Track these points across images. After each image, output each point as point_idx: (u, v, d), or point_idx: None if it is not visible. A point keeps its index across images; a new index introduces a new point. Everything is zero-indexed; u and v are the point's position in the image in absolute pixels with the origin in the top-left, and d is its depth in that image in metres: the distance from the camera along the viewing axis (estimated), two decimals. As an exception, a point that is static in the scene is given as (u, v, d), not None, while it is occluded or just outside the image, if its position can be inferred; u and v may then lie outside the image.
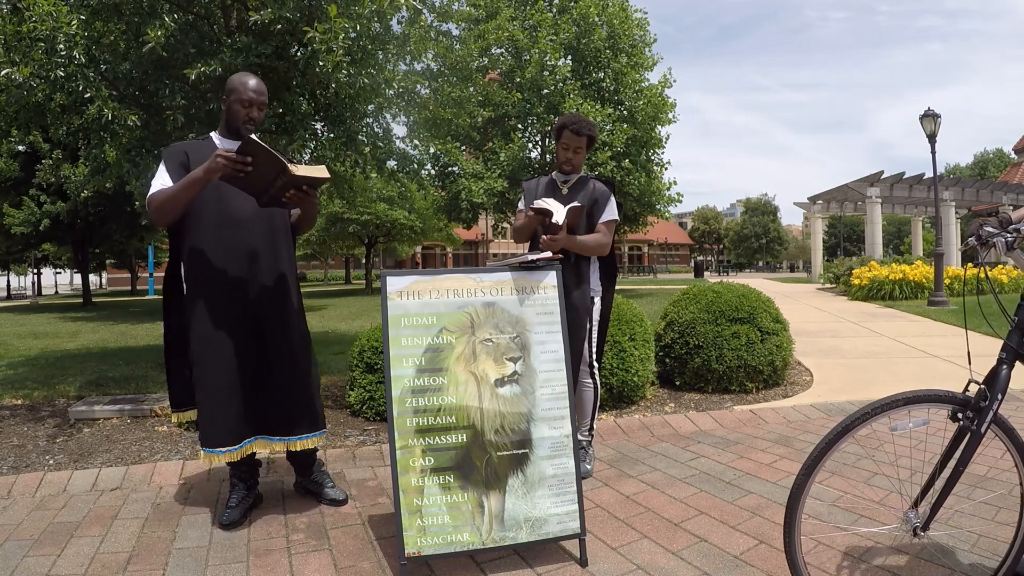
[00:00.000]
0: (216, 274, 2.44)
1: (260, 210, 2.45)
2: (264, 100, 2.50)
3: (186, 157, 2.44)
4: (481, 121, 13.63)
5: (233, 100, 2.45)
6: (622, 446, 3.53)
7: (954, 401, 1.66)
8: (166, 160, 2.46)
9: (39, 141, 12.44)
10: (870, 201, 20.72)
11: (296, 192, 2.30)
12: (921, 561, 2.10)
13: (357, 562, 2.21)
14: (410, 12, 4.47)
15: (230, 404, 2.45)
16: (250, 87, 2.45)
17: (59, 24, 3.76)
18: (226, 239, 2.45)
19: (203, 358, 2.44)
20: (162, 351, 2.78)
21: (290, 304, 2.59)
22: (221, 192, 2.40)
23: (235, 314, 2.46)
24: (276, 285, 2.55)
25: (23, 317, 15.30)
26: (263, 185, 2.28)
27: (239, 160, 2.17)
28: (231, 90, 2.46)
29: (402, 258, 35.03)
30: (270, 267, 2.53)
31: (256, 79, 2.50)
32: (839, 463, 3.07)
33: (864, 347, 6.77)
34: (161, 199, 2.36)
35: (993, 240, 1.62)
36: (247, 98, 2.44)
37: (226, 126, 2.51)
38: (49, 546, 2.35)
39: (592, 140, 2.98)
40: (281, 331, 2.56)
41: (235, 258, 2.46)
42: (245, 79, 2.47)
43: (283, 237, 2.60)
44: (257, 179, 2.25)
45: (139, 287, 35.67)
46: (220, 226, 2.44)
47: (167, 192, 2.36)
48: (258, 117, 2.49)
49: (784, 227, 74.49)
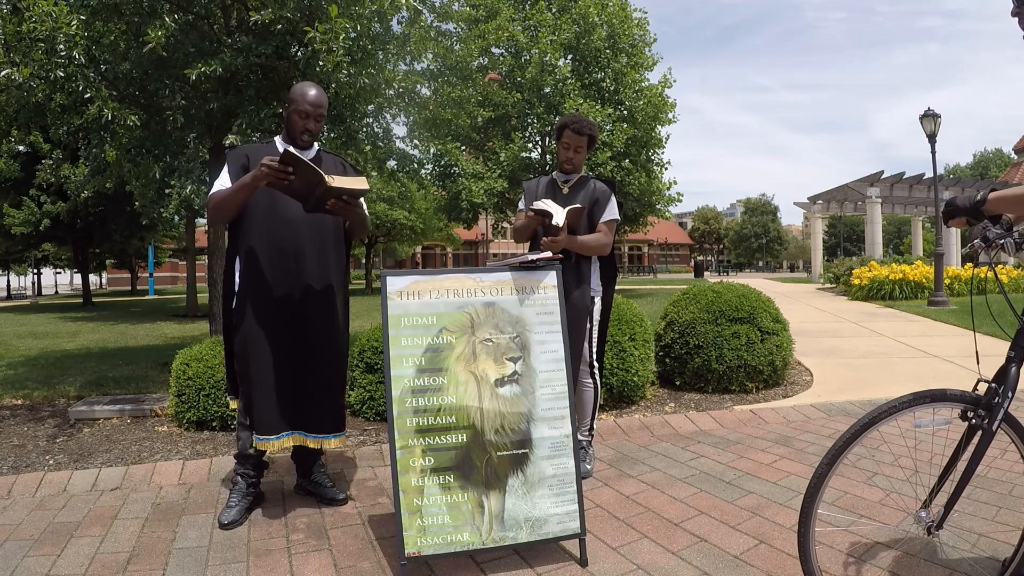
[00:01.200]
0: (265, 271, 2.52)
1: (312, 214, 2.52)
2: (322, 112, 2.59)
3: (247, 160, 2.54)
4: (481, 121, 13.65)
5: (292, 111, 2.54)
6: (622, 446, 3.53)
7: (965, 400, 1.66)
8: (229, 162, 2.57)
9: (39, 141, 12.44)
10: (870, 201, 20.73)
11: (337, 201, 2.39)
12: (922, 561, 2.10)
13: (357, 562, 2.21)
14: (410, 12, 4.47)
15: (269, 397, 2.52)
16: (308, 100, 2.53)
17: (59, 24, 3.76)
18: (276, 239, 2.53)
19: (246, 352, 2.52)
20: (162, 351, 2.79)
21: (334, 304, 2.65)
22: (275, 195, 2.48)
23: (280, 311, 2.54)
24: (322, 285, 2.61)
25: (23, 317, 15.30)
26: (305, 193, 2.38)
27: (281, 169, 2.26)
28: (291, 100, 2.55)
29: (402, 258, 35.05)
30: (317, 268, 2.60)
31: (317, 90, 2.57)
32: (843, 464, 3.06)
33: (864, 347, 6.77)
34: (217, 200, 2.48)
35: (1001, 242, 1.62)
36: (304, 110, 2.53)
37: (287, 133, 2.62)
38: (49, 546, 2.35)
39: (593, 140, 2.99)
40: (324, 331, 2.61)
41: (283, 257, 2.53)
42: (306, 90, 2.55)
43: (333, 240, 2.66)
44: (299, 187, 2.35)
45: (139, 287, 35.66)
46: (271, 226, 2.53)
47: (223, 193, 2.47)
48: (315, 128, 2.59)
49: (784, 227, 74.53)
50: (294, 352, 2.56)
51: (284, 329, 2.55)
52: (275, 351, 2.53)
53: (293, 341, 2.56)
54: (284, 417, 2.56)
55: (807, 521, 1.66)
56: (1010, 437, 1.69)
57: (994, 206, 1.64)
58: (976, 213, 1.66)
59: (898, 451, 3.06)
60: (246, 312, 2.53)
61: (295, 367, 2.57)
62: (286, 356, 2.55)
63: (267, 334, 2.52)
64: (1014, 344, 1.65)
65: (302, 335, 2.57)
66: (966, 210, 1.69)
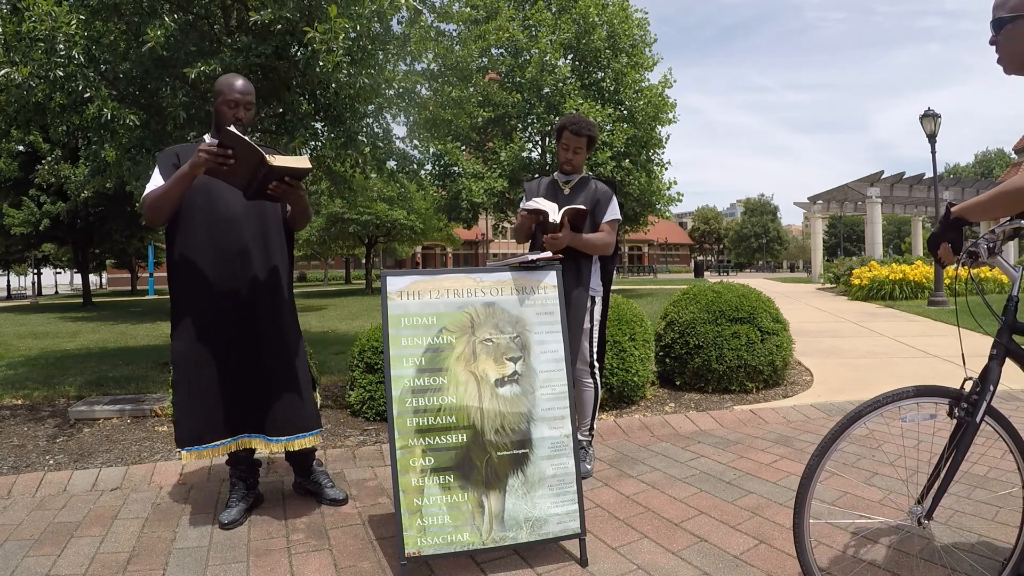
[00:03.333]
0: (206, 273, 2.45)
1: (251, 207, 2.45)
2: (250, 100, 2.51)
3: (177, 159, 2.46)
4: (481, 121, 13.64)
5: (220, 102, 2.47)
6: (622, 446, 3.53)
7: (949, 395, 1.73)
8: (160, 163, 2.49)
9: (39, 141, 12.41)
10: (870, 201, 20.74)
11: (279, 184, 2.30)
12: (922, 561, 2.10)
13: (357, 562, 2.21)
14: (410, 12, 4.47)
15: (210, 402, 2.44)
16: (236, 88, 2.47)
17: (58, 24, 3.76)
18: (216, 238, 2.45)
19: (185, 358, 2.45)
20: (162, 351, 2.79)
21: (282, 303, 2.57)
22: (211, 190, 2.42)
23: (224, 313, 2.46)
24: (268, 283, 2.54)
25: (23, 317, 15.31)
26: (246, 178, 2.28)
27: (220, 152, 2.19)
28: (218, 92, 2.48)
29: (402, 258, 35.07)
30: (262, 265, 2.52)
31: (243, 80, 2.51)
32: (840, 463, 3.07)
33: (864, 347, 6.77)
34: (153, 197, 2.39)
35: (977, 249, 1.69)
36: (232, 99, 2.46)
37: (215, 127, 2.53)
38: (49, 546, 2.35)
39: (592, 140, 2.99)
40: (273, 330, 2.54)
41: (226, 256, 2.46)
42: (231, 80, 2.49)
43: (275, 234, 2.59)
44: (240, 171, 2.26)
45: (139, 287, 35.68)
46: (210, 224, 2.44)
47: (158, 190, 2.38)
48: (245, 117, 2.50)
49: (784, 227, 74.52)
50: (245, 355, 2.49)
51: (231, 333, 2.47)
52: (222, 356, 2.45)
53: (243, 344, 2.48)
54: (227, 423, 2.47)
55: (801, 512, 1.72)
56: (995, 430, 1.75)
57: (960, 214, 1.70)
58: (951, 226, 1.71)
59: (897, 451, 3.06)
60: (188, 319, 2.45)
61: (246, 371, 2.49)
62: (235, 360, 2.47)
63: (213, 340, 2.44)
64: (995, 343, 1.72)
65: (252, 337, 2.49)
66: (943, 229, 1.73)
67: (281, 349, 2.55)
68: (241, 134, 2.20)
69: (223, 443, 2.49)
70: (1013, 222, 1.71)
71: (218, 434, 2.48)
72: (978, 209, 1.66)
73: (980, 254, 1.69)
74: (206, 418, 2.45)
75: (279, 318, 2.56)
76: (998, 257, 1.71)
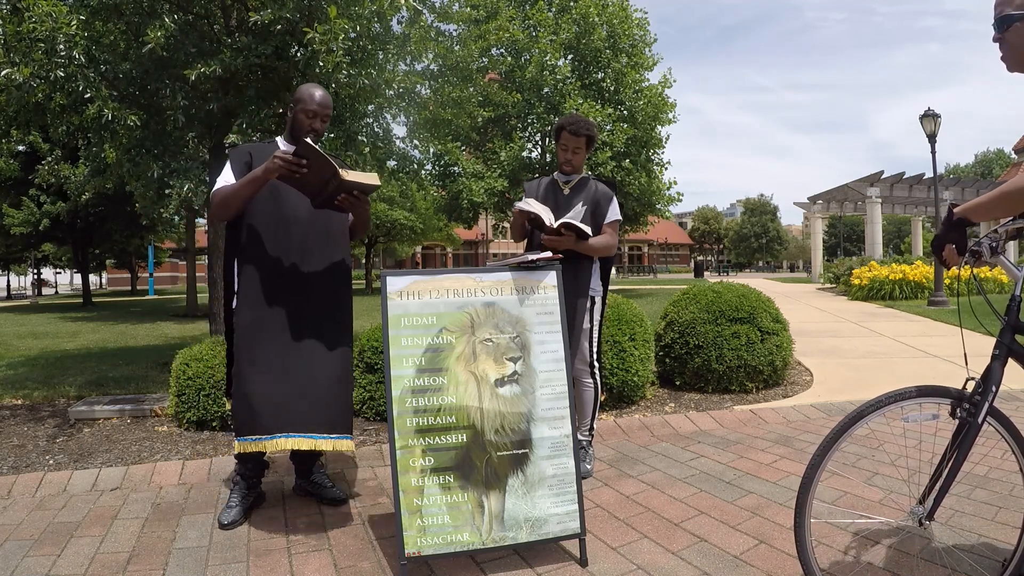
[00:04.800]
0: (269, 271, 2.50)
1: (315, 211, 2.51)
2: (328, 112, 2.61)
3: (250, 157, 2.54)
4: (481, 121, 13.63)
5: (299, 110, 2.55)
6: (622, 446, 3.53)
7: (951, 395, 1.73)
8: (232, 160, 2.56)
9: (39, 141, 12.43)
10: (870, 201, 20.74)
11: (348, 196, 2.39)
12: (922, 562, 2.10)
13: (357, 562, 2.21)
14: (410, 13, 4.47)
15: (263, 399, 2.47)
16: (316, 99, 2.55)
17: (59, 24, 3.76)
18: (280, 237, 2.52)
19: (246, 353, 2.49)
20: (162, 351, 2.79)
21: (341, 305, 2.63)
22: (278, 192, 2.48)
23: (285, 311, 2.51)
24: (329, 285, 2.59)
25: (23, 317, 15.31)
26: (317, 187, 2.37)
27: (295, 161, 2.26)
28: (298, 100, 2.56)
29: (402, 258, 35.06)
30: (323, 267, 2.58)
31: (323, 92, 2.60)
32: (841, 463, 3.07)
33: (864, 347, 6.77)
34: (223, 194, 2.46)
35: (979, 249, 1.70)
36: (311, 109, 2.54)
37: (290, 132, 2.62)
38: (49, 546, 2.35)
39: (591, 140, 2.99)
40: (331, 332, 2.58)
41: (287, 255, 2.52)
42: (313, 91, 2.57)
43: (337, 238, 2.65)
44: (312, 181, 2.34)
45: (139, 287, 35.67)
46: (275, 223, 2.51)
47: (229, 188, 2.46)
48: (320, 128, 2.59)
49: (784, 227, 74.54)
50: (299, 354, 2.51)
51: (288, 329, 2.51)
52: (277, 353, 2.50)
53: (298, 342, 2.51)
54: (278, 419, 2.48)
55: (802, 512, 1.72)
56: (997, 431, 1.75)
57: (962, 214, 1.69)
58: (954, 227, 1.70)
59: (898, 451, 3.06)
60: (249, 313, 2.50)
61: (300, 369, 2.52)
62: (289, 358, 2.51)
63: (270, 335, 2.49)
64: (997, 343, 1.72)
65: (308, 336, 2.53)
66: (946, 230, 1.72)
67: (336, 350, 2.58)
68: (316, 146, 2.27)
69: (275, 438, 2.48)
70: (1015, 222, 1.71)
71: (272, 428, 2.49)
72: (980, 209, 1.66)
73: (983, 254, 1.69)
74: (263, 411, 2.47)
75: (337, 320, 2.61)
76: (1001, 257, 1.72)
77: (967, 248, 1.70)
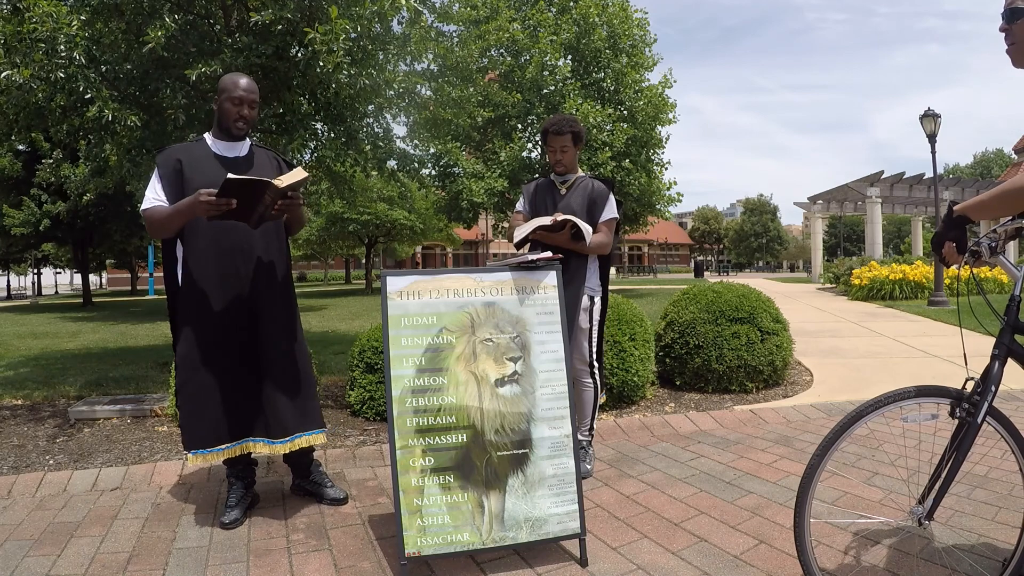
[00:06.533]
0: (211, 273, 2.45)
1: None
2: (255, 98, 2.52)
3: (179, 163, 2.45)
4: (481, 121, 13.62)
5: (224, 99, 2.47)
6: (622, 446, 3.53)
7: (951, 395, 1.73)
8: (159, 167, 2.46)
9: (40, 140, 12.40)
10: (870, 201, 20.73)
11: (283, 202, 2.33)
12: (922, 562, 2.10)
13: (357, 562, 2.21)
14: (410, 13, 4.47)
15: (215, 405, 2.44)
16: (241, 85, 2.48)
17: (60, 25, 3.76)
18: (222, 239, 2.45)
19: (190, 360, 2.44)
20: (162, 351, 2.79)
21: (282, 302, 2.58)
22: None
23: (229, 315, 2.46)
24: (273, 283, 2.55)
25: (23, 317, 15.31)
26: (249, 211, 2.31)
27: (221, 202, 2.21)
28: (222, 89, 2.48)
29: (402, 258, 35.05)
30: (265, 266, 2.53)
31: (247, 78, 2.52)
32: (841, 463, 3.07)
33: (864, 347, 6.77)
34: (154, 220, 2.41)
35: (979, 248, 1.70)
36: (237, 96, 2.46)
37: (218, 126, 2.53)
38: (49, 546, 2.35)
39: (577, 136, 2.99)
40: (276, 331, 2.54)
41: (231, 257, 2.47)
42: (236, 78, 2.50)
43: (276, 236, 2.60)
44: (242, 209, 2.29)
45: (139, 287, 35.67)
46: (215, 227, 2.43)
47: (159, 215, 2.40)
48: (249, 115, 2.51)
49: (784, 227, 74.51)
50: (247, 356, 2.48)
51: (235, 332, 2.47)
52: (225, 358, 2.45)
53: (245, 344, 2.48)
54: (231, 427, 2.47)
55: (802, 512, 1.72)
56: (997, 430, 1.75)
57: (962, 212, 1.70)
58: (954, 225, 1.70)
59: (898, 451, 3.06)
60: (191, 320, 2.45)
61: (248, 372, 2.49)
62: (238, 362, 2.47)
63: (216, 339, 2.44)
64: (997, 342, 1.72)
65: (255, 337, 2.50)
66: (946, 228, 1.72)
67: (283, 349, 2.55)
68: (240, 177, 2.20)
69: (228, 447, 2.50)
70: (1014, 221, 1.71)
71: (223, 438, 2.48)
72: (980, 208, 1.66)
73: (982, 253, 1.69)
74: (211, 422, 2.45)
75: (280, 318, 2.57)
76: (1000, 256, 1.72)
77: (967, 247, 1.70)
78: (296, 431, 2.54)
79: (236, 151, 2.56)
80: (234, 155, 2.54)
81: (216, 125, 2.54)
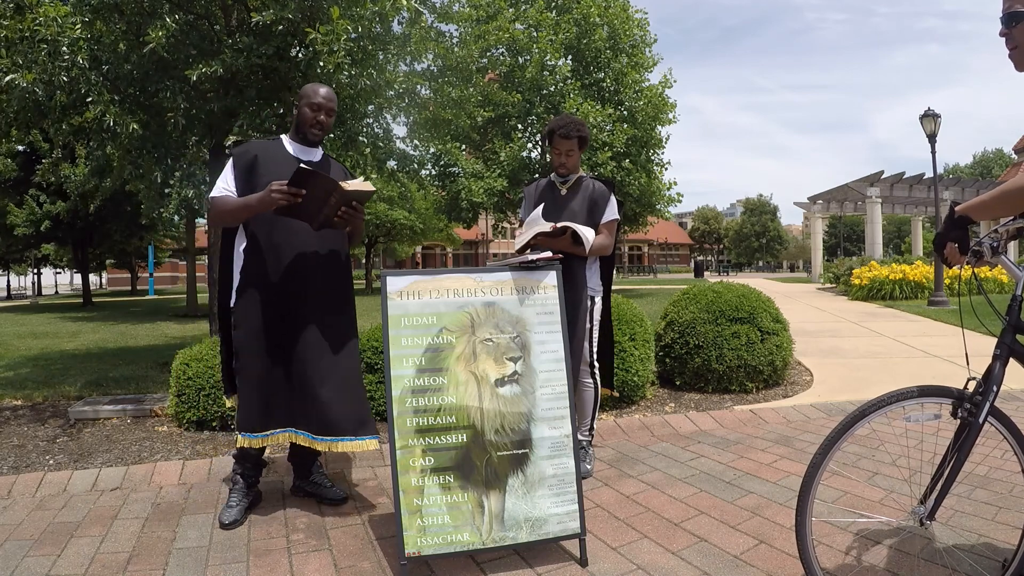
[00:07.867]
0: (269, 270, 2.50)
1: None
2: (333, 107, 2.62)
3: (255, 159, 2.53)
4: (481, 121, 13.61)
5: (303, 104, 2.57)
6: (622, 446, 3.53)
7: (952, 395, 1.73)
8: (235, 159, 2.55)
9: (39, 140, 12.44)
10: (870, 201, 20.73)
11: (346, 210, 2.40)
12: (922, 562, 2.10)
13: (357, 562, 2.21)
14: (411, 13, 4.47)
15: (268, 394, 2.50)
16: (320, 93, 2.59)
17: (63, 28, 3.76)
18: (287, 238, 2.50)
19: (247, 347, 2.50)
20: (162, 351, 2.79)
21: (341, 303, 2.62)
22: None
23: (285, 307, 2.51)
24: (329, 283, 2.58)
25: (23, 317, 15.30)
26: (315, 211, 2.37)
27: (293, 192, 2.27)
28: (302, 95, 2.59)
29: (402, 258, 35.04)
30: (327, 270, 2.58)
31: (327, 88, 2.63)
32: (842, 463, 3.07)
33: (864, 347, 6.77)
34: (220, 211, 2.49)
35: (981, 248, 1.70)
36: (316, 102, 2.56)
37: (296, 129, 2.63)
38: (49, 546, 2.35)
39: (583, 140, 2.98)
40: (336, 329, 2.57)
41: (290, 253, 2.52)
42: (316, 87, 2.61)
43: (339, 244, 2.66)
44: (309, 206, 2.34)
45: (139, 287, 35.66)
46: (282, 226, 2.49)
47: (227, 207, 2.48)
48: (326, 122, 2.61)
49: (784, 227, 74.50)
50: (301, 350, 2.51)
51: (290, 326, 2.51)
52: (278, 349, 2.50)
53: (300, 339, 2.51)
54: (277, 415, 2.52)
55: (804, 511, 1.73)
56: (999, 431, 1.75)
57: (964, 213, 1.69)
58: (955, 225, 1.70)
59: (899, 451, 3.06)
60: (250, 310, 2.50)
61: (301, 366, 2.51)
62: (291, 354, 2.51)
63: (270, 330, 2.49)
64: (999, 343, 1.72)
65: (310, 333, 2.52)
66: (948, 229, 1.72)
67: (337, 349, 2.56)
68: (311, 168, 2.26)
69: (274, 433, 2.54)
70: (1015, 221, 1.71)
71: (271, 424, 2.53)
72: (981, 208, 1.66)
73: (984, 253, 1.69)
74: (263, 407, 2.51)
75: (340, 317, 2.60)
76: (1002, 257, 1.72)
77: (969, 247, 1.70)
78: (346, 434, 2.50)
79: (311, 155, 2.64)
80: (308, 158, 2.62)
81: (294, 129, 2.65)
